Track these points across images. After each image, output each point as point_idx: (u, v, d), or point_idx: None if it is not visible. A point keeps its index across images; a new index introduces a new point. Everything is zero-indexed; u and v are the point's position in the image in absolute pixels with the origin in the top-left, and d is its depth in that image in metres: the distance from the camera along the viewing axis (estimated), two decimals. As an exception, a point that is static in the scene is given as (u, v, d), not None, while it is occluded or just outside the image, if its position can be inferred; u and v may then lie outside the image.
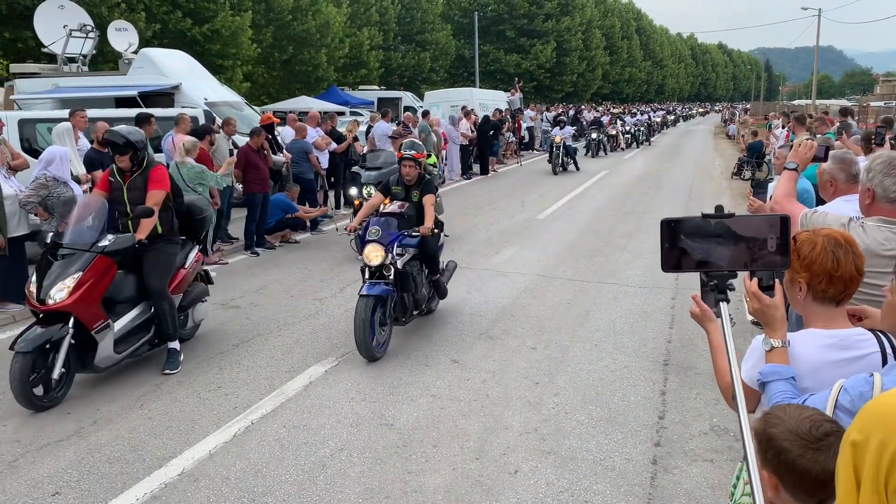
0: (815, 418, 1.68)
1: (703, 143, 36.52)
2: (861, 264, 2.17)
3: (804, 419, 1.68)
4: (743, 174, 19.05)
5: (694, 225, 2.04)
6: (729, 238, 2.04)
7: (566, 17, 53.56)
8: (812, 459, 1.63)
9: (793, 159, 3.59)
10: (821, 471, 1.62)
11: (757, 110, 62.94)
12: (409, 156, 6.71)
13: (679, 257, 2.07)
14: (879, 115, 22.90)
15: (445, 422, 4.96)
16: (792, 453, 1.65)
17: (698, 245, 2.06)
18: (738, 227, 2.04)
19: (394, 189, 6.86)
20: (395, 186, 6.87)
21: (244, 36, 26.04)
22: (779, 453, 1.66)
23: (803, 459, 1.63)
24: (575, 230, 12.04)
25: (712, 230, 2.04)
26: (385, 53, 40.06)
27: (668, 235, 2.06)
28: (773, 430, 1.69)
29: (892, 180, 2.83)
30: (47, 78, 15.71)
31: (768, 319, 2.19)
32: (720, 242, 2.05)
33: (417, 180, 6.83)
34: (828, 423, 1.68)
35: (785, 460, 1.65)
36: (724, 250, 2.05)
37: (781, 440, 1.66)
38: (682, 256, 2.07)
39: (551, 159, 21.29)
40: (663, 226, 2.08)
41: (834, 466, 1.61)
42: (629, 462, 4.38)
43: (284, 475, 4.28)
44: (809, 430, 1.65)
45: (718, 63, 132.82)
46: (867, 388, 1.86)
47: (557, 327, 6.97)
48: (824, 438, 1.64)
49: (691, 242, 2.06)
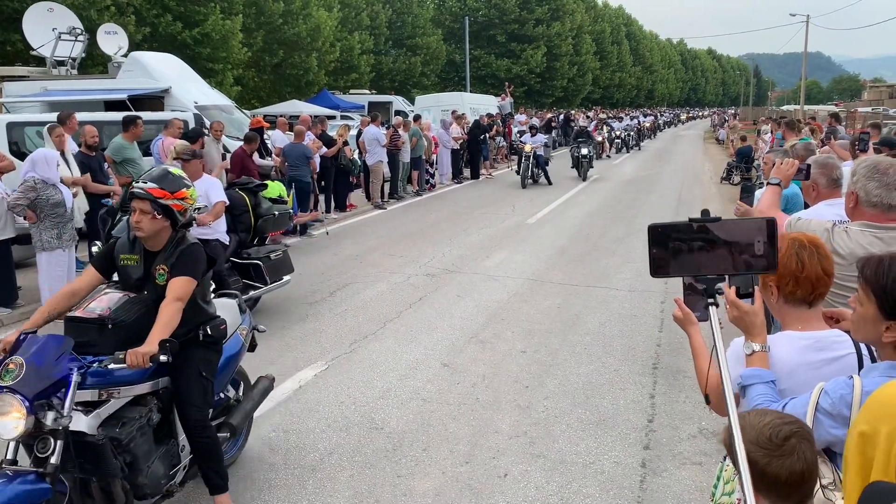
0: (773, 424, 1.70)
1: (692, 147, 36.70)
2: (828, 265, 2.20)
3: (764, 427, 1.70)
4: (732, 179, 19.16)
5: (681, 229, 2.05)
6: (716, 242, 2.05)
7: (556, 22, 53.70)
8: (779, 465, 1.65)
9: (776, 175, 3.74)
10: (789, 474, 1.64)
11: (746, 115, 63.30)
12: (141, 191, 3.53)
13: (667, 262, 2.08)
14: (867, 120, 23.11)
15: (435, 425, 4.96)
16: (759, 464, 1.66)
17: (686, 250, 2.07)
18: (724, 231, 2.05)
19: (123, 259, 3.69)
20: (127, 254, 3.69)
21: (235, 39, 25.98)
22: (749, 465, 1.68)
23: (771, 467, 1.65)
24: (565, 234, 12.08)
25: (699, 234, 2.07)
26: (376, 58, 40.03)
27: (656, 240, 2.07)
28: None
29: (874, 184, 2.86)
30: (36, 81, 15.63)
31: (748, 326, 2.21)
32: (707, 247, 2.06)
33: (168, 242, 3.66)
34: (787, 426, 1.69)
35: (754, 472, 1.67)
36: (711, 254, 2.05)
37: (748, 452, 1.68)
38: (670, 261, 2.07)
39: (520, 171, 19.10)
40: (651, 231, 2.08)
41: (800, 467, 1.64)
42: (618, 465, 4.39)
43: (274, 479, 4.27)
44: (770, 437, 1.67)
45: (708, 68, 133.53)
46: (847, 390, 1.88)
47: (547, 331, 6.99)
48: (785, 443, 1.66)
49: (679, 247, 2.07)
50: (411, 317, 7.49)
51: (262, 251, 7.55)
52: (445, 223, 13.32)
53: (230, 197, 7.13)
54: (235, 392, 4.54)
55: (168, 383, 3.68)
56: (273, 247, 7.88)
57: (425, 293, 8.37)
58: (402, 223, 13.36)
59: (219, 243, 6.77)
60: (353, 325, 7.19)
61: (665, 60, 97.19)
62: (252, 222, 7.45)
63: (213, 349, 3.86)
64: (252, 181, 7.98)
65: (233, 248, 7.23)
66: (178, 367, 3.62)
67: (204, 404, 3.71)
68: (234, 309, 4.40)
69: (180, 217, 3.66)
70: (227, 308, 4.29)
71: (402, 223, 13.36)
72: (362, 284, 8.79)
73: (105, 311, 3.46)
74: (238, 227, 7.36)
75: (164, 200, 3.56)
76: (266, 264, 7.37)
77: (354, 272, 9.46)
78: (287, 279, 7.76)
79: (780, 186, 3.72)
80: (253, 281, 7.32)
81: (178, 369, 3.64)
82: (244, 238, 7.47)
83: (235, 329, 4.30)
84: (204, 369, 3.73)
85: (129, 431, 3.32)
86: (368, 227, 12.99)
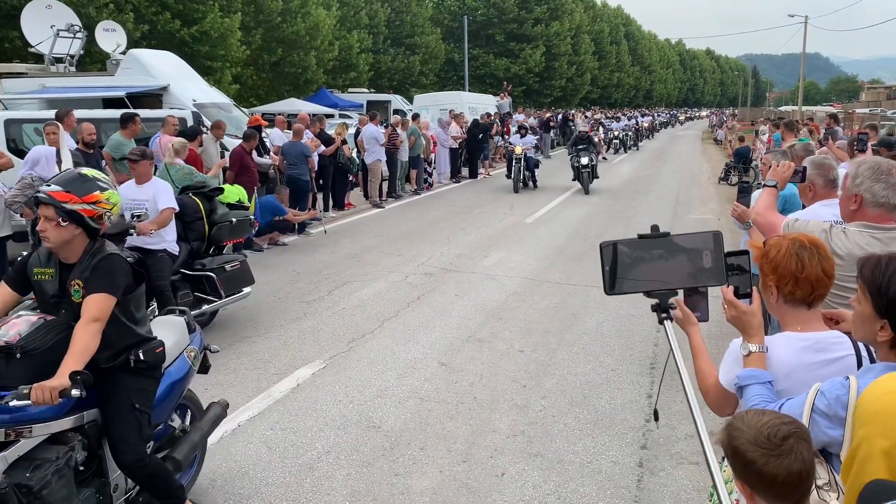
0: (772, 423, 1.71)
1: (690, 148, 36.73)
2: (829, 266, 2.21)
3: (763, 427, 1.70)
4: (730, 179, 19.18)
5: (632, 246, 2.10)
6: (666, 256, 2.09)
7: (555, 21, 53.70)
8: (777, 465, 1.66)
9: (772, 177, 3.75)
10: (787, 474, 1.65)
11: (744, 116, 63.38)
12: (44, 196, 3.15)
13: (621, 279, 2.13)
14: (864, 121, 23.13)
15: (433, 424, 4.96)
16: (757, 463, 1.67)
17: (638, 266, 2.11)
18: (674, 246, 2.11)
19: (37, 273, 3.31)
20: (41, 268, 3.31)
21: (233, 38, 25.94)
22: (746, 465, 1.69)
23: (769, 467, 1.66)
24: (563, 234, 12.08)
25: (650, 250, 2.10)
26: (374, 56, 40.00)
27: (608, 258, 2.11)
28: (735, 442, 1.71)
29: (880, 185, 2.87)
30: (34, 78, 15.60)
31: (745, 326, 2.22)
32: (659, 262, 2.11)
33: (84, 253, 3.25)
34: (785, 426, 1.70)
35: (753, 471, 1.68)
36: (662, 269, 2.11)
37: (745, 452, 1.69)
38: (623, 278, 2.13)
39: (510, 174, 18.23)
40: (603, 249, 2.12)
41: (798, 468, 1.66)
42: (616, 465, 4.40)
43: (271, 477, 4.27)
44: (769, 437, 1.68)
45: (706, 69, 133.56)
46: (843, 391, 1.88)
47: (545, 330, 6.99)
48: (784, 442, 1.67)
49: (631, 264, 2.11)
50: (409, 316, 7.49)
51: (217, 262, 6.98)
52: (443, 222, 13.32)
53: (181, 202, 6.64)
54: (182, 421, 4.00)
55: (96, 415, 3.22)
56: (229, 257, 7.31)
57: (423, 292, 8.38)
58: (400, 222, 13.36)
59: (165, 254, 6.31)
60: (350, 324, 7.19)
61: (663, 61, 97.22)
62: (206, 230, 6.91)
63: (147, 376, 3.39)
64: (206, 185, 7.47)
65: (183, 258, 6.70)
66: (107, 399, 3.23)
67: (139, 441, 3.26)
68: (180, 328, 3.96)
69: (94, 224, 3.20)
70: (171, 327, 3.89)
71: (400, 222, 13.36)
72: (360, 283, 8.79)
73: (13, 338, 2.98)
74: (190, 236, 6.83)
75: (71, 205, 3.12)
76: (220, 276, 6.82)
77: (352, 271, 9.46)
78: (247, 291, 7.26)
79: (777, 188, 3.74)
80: (206, 294, 6.82)
81: (107, 402, 3.23)
82: (197, 247, 6.91)
83: (181, 351, 3.87)
84: (137, 400, 3.27)
85: (41, 476, 2.84)
86: (366, 226, 12.99)
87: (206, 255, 7.01)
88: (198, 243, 6.90)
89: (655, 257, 2.10)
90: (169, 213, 6.23)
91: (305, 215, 11.90)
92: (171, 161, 8.89)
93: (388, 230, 12.51)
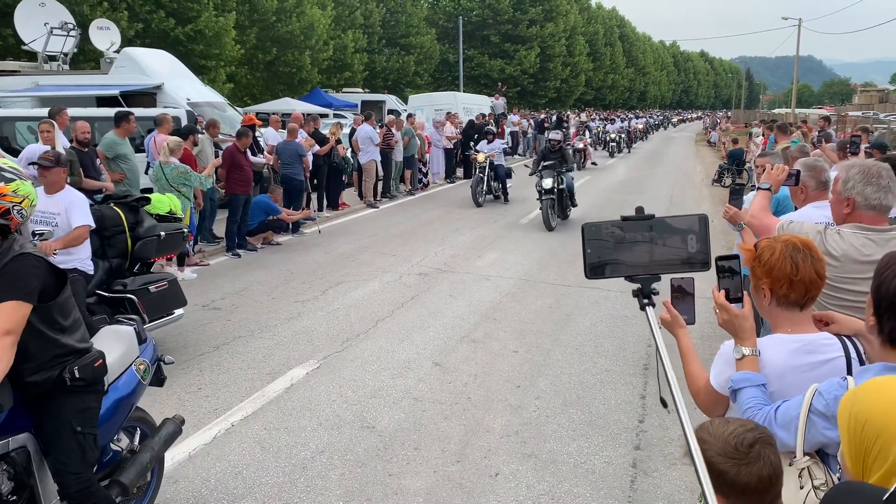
0: (737, 433, 1.72)
1: (684, 149, 36.82)
2: (821, 268, 2.21)
3: (729, 437, 1.72)
4: (724, 181, 19.24)
5: (615, 228, 2.02)
6: (651, 240, 2.01)
7: (550, 23, 53.79)
8: (748, 473, 1.68)
9: (766, 180, 3.79)
10: (758, 480, 1.67)
11: (738, 118, 63.58)
12: None
13: (602, 263, 2.04)
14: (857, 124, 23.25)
15: (427, 424, 4.96)
16: (729, 473, 1.69)
17: (621, 249, 2.02)
18: (659, 228, 2.03)
19: None
20: None
21: (228, 37, 25.89)
22: (719, 475, 1.69)
23: (740, 476, 1.68)
24: (557, 235, 12.09)
25: (634, 233, 2.02)
26: (369, 56, 39.98)
27: (590, 240, 2.02)
28: (706, 454, 1.71)
29: (871, 188, 2.88)
30: (27, 76, 15.56)
31: (737, 330, 2.22)
32: (642, 245, 2.02)
33: None
34: (749, 433, 1.72)
35: (726, 481, 1.69)
36: (646, 253, 2.02)
37: (716, 464, 1.70)
38: (605, 262, 2.04)
39: (472, 184, 15.75)
40: (584, 231, 2.03)
41: (767, 472, 1.68)
42: (609, 465, 4.41)
43: (265, 477, 4.27)
44: (735, 446, 1.69)
45: (700, 71, 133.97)
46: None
47: (539, 331, 7.00)
48: (751, 450, 1.69)
49: (614, 246, 2.03)
50: (403, 316, 7.49)
51: (139, 282, 6.02)
52: (438, 222, 13.32)
53: (99, 214, 5.84)
54: (130, 441, 3.68)
55: (26, 441, 2.88)
56: (155, 276, 6.37)
57: (417, 292, 8.38)
58: (394, 222, 13.35)
59: (78, 273, 5.43)
60: (345, 324, 7.19)
61: (658, 62, 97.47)
62: (129, 245, 6.02)
63: (89, 393, 3.03)
64: (130, 194, 6.57)
65: (99, 277, 5.82)
66: (44, 423, 2.90)
67: (84, 467, 2.95)
68: (127, 339, 3.60)
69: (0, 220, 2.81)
70: (117, 338, 3.55)
71: (394, 222, 13.35)
72: (354, 283, 8.78)
73: None
74: (109, 252, 5.97)
75: None
76: (143, 298, 5.88)
77: (346, 271, 9.45)
78: (178, 314, 6.38)
79: (771, 191, 3.77)
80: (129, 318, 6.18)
81: (44, 427, 2.90)
82: (118, 265, 6.01)
83: (130, 364, 3.53)
84: (79, 423, 2.93)
85: None
86: (361, 226, 12.97)
87: (129, 274, 6.13)
88: (119, 260, 6.01)
89: (639, 240, 2.01)
90: (81, 231, 5.44)
91: (299, 215, 11.89)
92: (166, 160, 8.88)
93: (383, 230, 12.51)
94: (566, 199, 13.11)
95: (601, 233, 2.03)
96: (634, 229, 2.02)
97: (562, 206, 12.95)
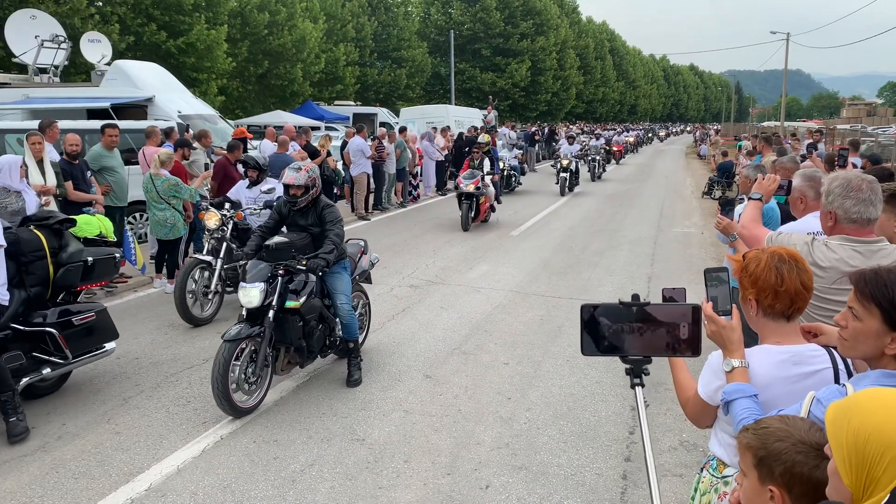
0: (819, 428, 1.69)
1: (674, 163, 37.00)
2: (807, 279, 2.22)
3: (813, 430, 1.67)
4: (713, 193, 19.33)
5: (612, 310, 2.18)
6: (644, 325, 2.17)
7: (541, 37, 54.12)
8: (824, 469, 1.64)
9: (757, 190, 3.79)
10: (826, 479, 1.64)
11: (728, 131, 64.01)
12: None
13: (597, 341, 2.20)
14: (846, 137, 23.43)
15: (417, 437, 4.94)
16: (807, 465, 1.62)
17: (617, 330, 2.19)
18: (653, 316, 2.17)
19: None
20: None
21: (219, 50, 25.94)
22: (791, 467, 1.63)
23: (818, 470, 1.62)
24: (548, 247, 12.12)
25: (629, 317, 2.17)
26: (361, 69, 40.13)
27: (588, 320, 2.19)
28: (780, 444, 1.66)
29: (851, 202, 2.90)
30: (18, 88, 15.52)
31: (725, 342, 2.23)
32: (636, 329, 2.18)
33: None
34: (821, 433, 1.69)
35: (798, 473, 1.62)
36: (639, 336, 2.18)
37: (794, 453, 1.64)
38: (600, 341, 2.20)
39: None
40: (583, 311, 2.19)
41: None
42: (600, 477, 4.40)
43: (253, 490, 4.23)
44: (819, 440, 1.66)
45: (690, 84, 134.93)
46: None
47: (530, 343, 6.99)
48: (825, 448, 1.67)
49: (610, 327, 2.19)
50: (394, 328, 7.47)
51: (61, 313, 5.37)
52: (429, 235, 13.33)
53: (16, 238, 5.23)
54: None
55: None
56: (80, 306, 5.61)
57: (409, 304, 8.36)
58: (385, 234, 13.34)
59: None
60: (335, 336, 7.15)
61: (648, 76, 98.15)
62: (50, 272, 5.38)
63: None
64: (54, 215, 5.78)
65: (14, 309, 5.07)
66: None
67: None
68: None
69: None
70: None
71: (385, 234, 13.34)
72: (345, 295, 8.75)
73: None
74: (27, 280, 5.28)
75: None
76: (64, 332, 5.28)
77: (337, 283, 9.41)
78: (110, 347, 5.77)
79: (762, 201, 3.78)
80: (48, 355, 5.28)
81: None
82: (37, 294, 5.32)
83: None
84: None
85: None
86: (352, 238, 12.93)
87: (51, 305, 5.47)
88: (38, 289, 5.34)
89: (634, 324, 2.18)
90: None
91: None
92: (157, 172, 8.85)
93: (374, 242, 12.45)
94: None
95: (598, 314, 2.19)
96: (630, 314, 2.17)
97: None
